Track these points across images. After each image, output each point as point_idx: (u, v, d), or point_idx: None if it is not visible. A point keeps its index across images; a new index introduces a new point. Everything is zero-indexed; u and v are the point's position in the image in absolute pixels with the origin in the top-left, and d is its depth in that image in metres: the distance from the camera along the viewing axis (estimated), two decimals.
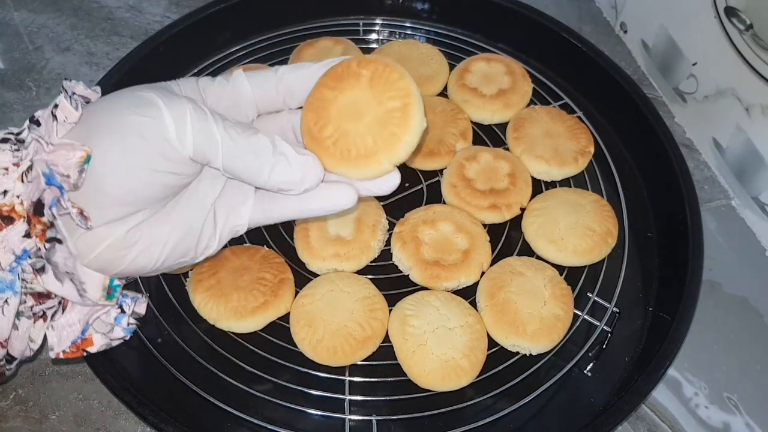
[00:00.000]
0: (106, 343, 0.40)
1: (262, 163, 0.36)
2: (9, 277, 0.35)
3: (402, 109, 0.37)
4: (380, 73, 0.37)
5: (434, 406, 0.50)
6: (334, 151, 0.37)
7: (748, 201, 0.66)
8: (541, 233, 0.58)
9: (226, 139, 0.35)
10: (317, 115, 0.38)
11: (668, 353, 0.51)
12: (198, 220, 0.38)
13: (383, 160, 0.37)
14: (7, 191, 0.34)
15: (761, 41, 0.59)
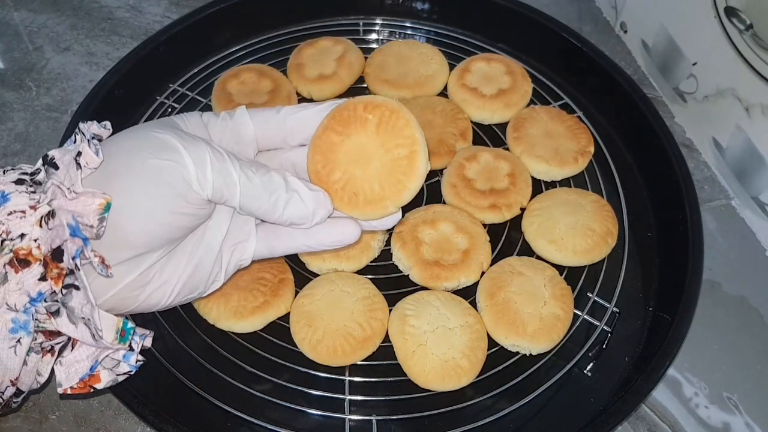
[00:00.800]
0: (113, 379, 0.41)
1: (277, 200, 0.37)
2: (23, 318, 0.35)
3: (408, 157, 0.38)
4: (387, 119, 0.38)
5: (434, 406, 0.50)
6: (342, 194, 0.39)
7: (748, 201, 0.66)
8: (541, 233, 0.58)
9: (243, 179, 0.36)
10: (325, 159, 0.39)
11: (668, 353, 0.51)
12: (207, 258, 0.40)
13: (389, 205, 0.39)
14: (25, 235, 0.35)
15: (761, 41, 0.59)
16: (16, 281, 0.34)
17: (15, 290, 0.35)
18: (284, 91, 0.67)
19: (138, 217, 0.35)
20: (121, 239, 0.35)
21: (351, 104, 0.39)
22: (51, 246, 0.35)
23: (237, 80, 0.67)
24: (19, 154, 0.68)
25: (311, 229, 0.40)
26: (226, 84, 0.67)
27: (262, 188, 0.37)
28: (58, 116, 0.72)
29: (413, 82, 0.68)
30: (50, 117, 0.72)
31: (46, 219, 0.35)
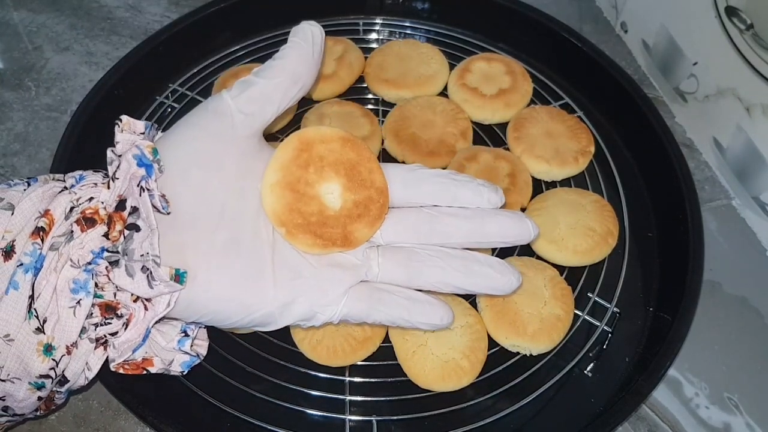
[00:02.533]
0: (165, 369, 0.41)
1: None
2: (83, 277, 0.36)
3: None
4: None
5: (434, 406, 0.50)
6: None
7: (749, 201, 0.66)
8: (542, 233, 0.58)
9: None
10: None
11: (669, 353, 0.51)
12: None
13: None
14: (93, 198, 0.37)
15: (762, 41, 0.59)
16: (81, 240, 0.36)
17: (78, 247, 0.36)
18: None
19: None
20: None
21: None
22: (117, 196, 0.37)
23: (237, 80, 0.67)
24: (19, 154, 0.68)
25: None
26: (226, 84, 0.67)
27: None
28: (57, 116, 0.72)
29: (413, 82, 0.68)
30: (50, 117, 0.72)
31: (113, 178, 0.37)
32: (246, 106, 0.41)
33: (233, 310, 0.38)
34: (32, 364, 0.36)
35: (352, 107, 0.66)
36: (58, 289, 0.36)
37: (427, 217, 0.42)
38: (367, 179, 0.41)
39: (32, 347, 0.36)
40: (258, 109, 0.41)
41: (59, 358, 0.37)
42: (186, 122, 0.41)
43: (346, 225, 0.40)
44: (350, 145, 0.42)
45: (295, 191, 0.40)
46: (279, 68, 0.43)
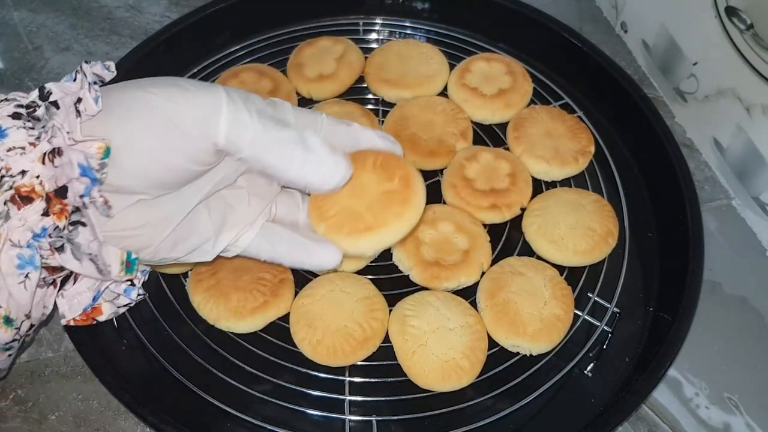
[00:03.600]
0: (114, 311, 0.42)
1: (292, 157, 0.36)
2: (28, 253, 0.35)
3: (402, 192, 0.41)
4: (386, 161, 0.42)
5: (434, 406, 0.50)
6: (333, 224, 0.41)
7: (749, 201, 0.66)
8: (542, 233, 0.58)
9: (258, 128, 0.35)
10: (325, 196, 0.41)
11: (669, 353, 0.51)
12: (201, 218, 0.39)
13: (376, 234, 0.41)
14: (26, 171, 0.34)
15: (762, 41, 0.59)
16: (19, 218, 0.34)
17: (18, 227, 0.34)
18: (284, 91, 0.67)
19: (140, 157, 0.34)
20: (119, 172, 0.34)
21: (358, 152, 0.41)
22: (56, 183, 0.35)
23: (237, 80, 0.67)
24: None
25: (296, 248, 0.41)
26: (226, 84, 0.67)
27: (277, 141, 0.35)
28: None
29: (413, 82, 0.68)
30: None
31: (50, 156, 0.34)
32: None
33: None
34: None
35: (352, 107, 0.66)
36: (3, 270, 0.35)
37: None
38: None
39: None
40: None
41: (20, 324, 0.37)
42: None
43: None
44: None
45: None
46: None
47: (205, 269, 0.54)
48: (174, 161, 0.35)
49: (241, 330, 0.52)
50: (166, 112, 0.34)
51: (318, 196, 0.41)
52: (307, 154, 0.36)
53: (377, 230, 0.40)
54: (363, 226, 0.40)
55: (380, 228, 0.40)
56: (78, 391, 0.54)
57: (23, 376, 0.54)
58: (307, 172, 0.37)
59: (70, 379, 0.54)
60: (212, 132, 0.34)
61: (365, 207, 0.40)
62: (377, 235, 0.40)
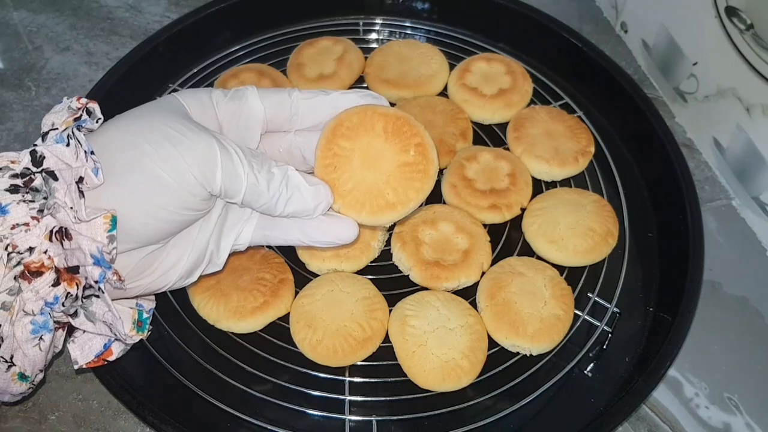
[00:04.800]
0: (123, 349, 0.42)
1: (279, 197, 0.38)
2: (41, 319, 0.36)
3: (420, 163, 0.40)
4: (395, 125, 0.40)
5: (434, 406, 0.50)
6: (351, 200, 0.40)
7: (749, 201, 0.66)
8: (542, 233, 0.58)
9: (251, 178, 0.37)
10: (334, 163, 0.40)
11: (669, 353, 0.51)
12: (206, 244, 0.40)
13: (399, 210, 0.40)
14: (33, 248, 0.34)
15: (762, 41, 0.59)
16: (30, 289, 0.35)
17: (31, 298, 0.35)
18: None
19: (141, 215, 0.35)
20: (125, 235, 0.35)
21: (361, 110, 0.40)
22: (66, 263, 0.35)
23: (237, 80, 0.67)
24: None
25: (308, 226, 0.40)
26: (226, 84, 0.67)
27: (265, 186, 0.37)
28: None
29: (413, 82, 0.68)
30: None
31: (57, 236, 0.35)
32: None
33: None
34: (12, 388, 0.37)
35: None
36: (18, 336, 0.35)
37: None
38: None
39: (8, 378, 0.37)
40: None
41: (34, 378, 0.38)
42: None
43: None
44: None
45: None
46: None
47: None
48: (176, 216, 0.36)
49: (241, 330, 0.52)
50: (165, 174, 0.35)
51: (326, 164, 0.40)
52: (291, 192, 0.38)
53: (400, 207, 0.40)
54: (384, 202, 0.40)
55: (403, 205, 0.40)
56: (78, 391, 0.54)
57: None
58: (293, 208, 0.39)
59: (70, 379, 0.54)
60: (209, 186, 0.36)
61: (384, 181, 0.40)
62: (399, 211, 0.40)
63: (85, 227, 0.34)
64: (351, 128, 0.40)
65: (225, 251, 0.42)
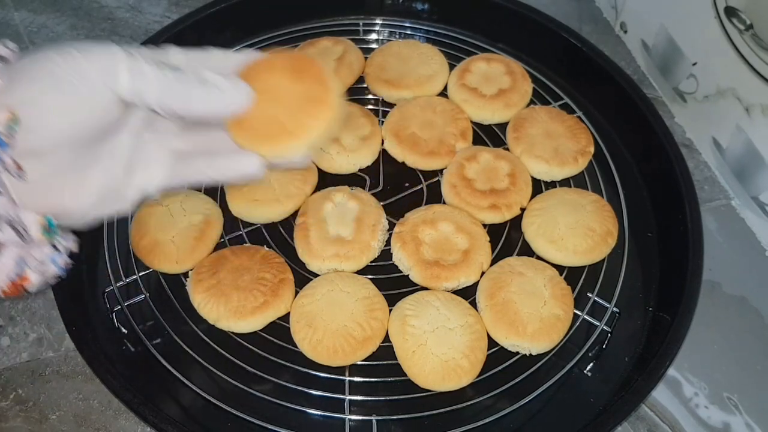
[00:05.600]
0: (43, 282, 0.41)
1: (195, 94, 0.38)
2: None
3: (318, 98, 0.41)
4: (301, 66, 0.41)
5: (434, 406, 0.50)
6: (249, 130, 0.40)
7: (748, 201, 0.66)
8: (541, 233, 0.58)
9: (158, 73, 0.37)
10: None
11: (668, 353, 0.51)
12: (116, 173, 0.40)
13: (294, 143, 0.40)
14: None
15: (761, 41, 0.59)
16: None
17: None
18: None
19: (48, 117, 0.35)
20: (32, 142, 0.35)
21: (263, 58, 0.42)
22: None
23: None
24: None
25: (218, 162, 0.41)
26: None
27: (176, 81, 0.37)
28: None
29: (413, 82, 0.68)
30: None
31: None
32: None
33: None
34: None
35: (352, 107, 0.66)
36: None
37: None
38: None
39: None
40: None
41: None
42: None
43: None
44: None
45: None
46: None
47: (206, 269, 0.54)
48: (81, 117, 0.36)
49: (241, 330, 0.52)
50: (68, 70, 0.35)
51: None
52: (208, 87, 0.38)
53: (300, 134, 0.40)
54: (281, 130, 0.40)
55: (300, 131, 0.40)
56: (78, 390, 0.54)
57: (24, 375, 0.54)
58: (212, 103, 0.39)
59: (71, 379, 0.54)
60: (115, 84, 0.36)
61: (284, 112, 0.40)
62: (300, 139, 0.40)
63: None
64: (252, 70, 0.41)
65: (135, 188, 0.41)
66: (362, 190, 0.61)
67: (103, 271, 0.56)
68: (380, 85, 0.69)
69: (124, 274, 0.55)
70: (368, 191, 0.62)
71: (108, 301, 0.54)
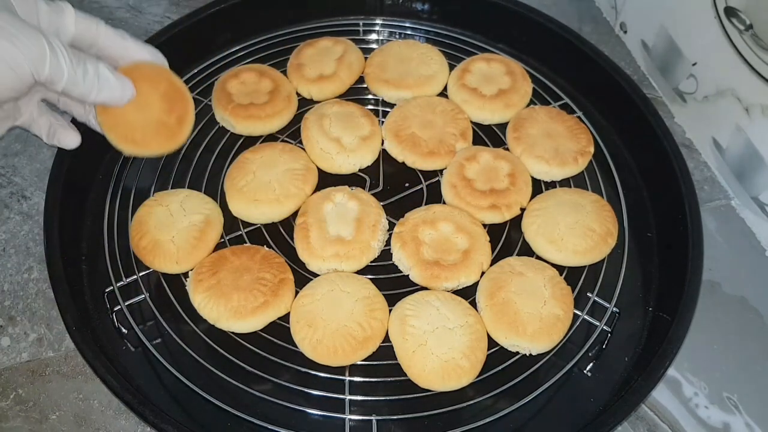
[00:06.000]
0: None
1: (92, 87, 0.46)
2: None
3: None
4: (175, 96, 0.54)
5: (434, 406, 0.50)
6: (112, 124, 0.51)
7: (748, 201, 0.66)
8: (541, 233, 0.58)
9: (70, 71, 0.45)
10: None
11: (668, 353, 0.51)
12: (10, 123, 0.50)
13: (137, 151, 0.52)
14: None
15: (761, 41, 0.59)
16: None
17: None
18: (284, 92, 0.67)
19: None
20: None
21: (158, 70, 0.53)
22: None
23: (237, 80, 0.67)
24: (20, 155, 0.68)
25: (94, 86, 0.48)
26: (226, 84, 0.67)
27: (81, 78, 0.45)
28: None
29: (413, 82, 0.68)
30: None
31: None
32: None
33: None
34: None
35: (352, 107, 0.66)
36: None
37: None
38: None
39: None
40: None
41: None
42: None
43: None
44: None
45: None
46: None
47: (206, 269, 0.54)
48: (4, 90, 0.44)
49: (241, 330, 0.52)
50: (3, 53, 0.42)
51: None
52: (102, 82, 0.47)
53: (140, 146, 0.51)
54: (130, 137, 0.50)
55: (142, 146, 0.51)
56: (78, 390, 0.54)
57: (24, 375, 0.54)
58: (103, 96, 0.47)
59: (71, 379, 0.54)
60: (38, 75, 0.43)
61: (140, 122, 0.51)
62: (138, 149, 0.51)
63: None
64: (137, 70, 0.51)
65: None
66: (362, 190, 0.61)
67: (103, 271, 0.56)
68: (380, 85, 0.69)
69: (124, 274, 0.55)
70: (368, 191, 0.62)
71: (108, 301, 0.54)
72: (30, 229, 0.64)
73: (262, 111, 0.64)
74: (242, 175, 0.59)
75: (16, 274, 0.61)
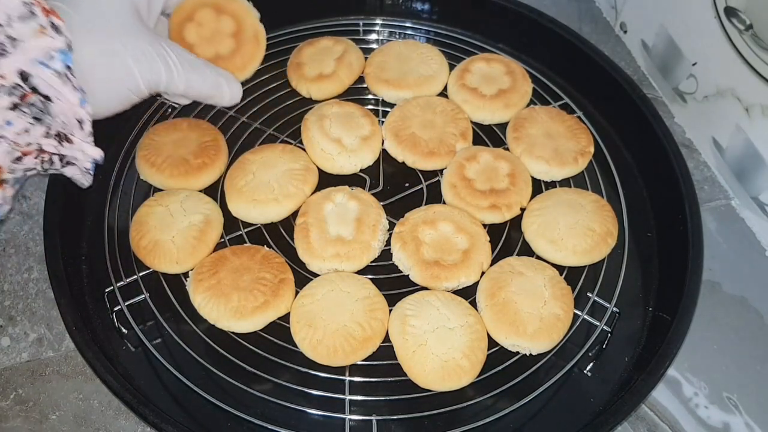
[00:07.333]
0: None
1: (204, 96, 0.55)
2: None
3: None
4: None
5: (434, 406, 0.50)
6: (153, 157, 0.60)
7: (748, 201, 0.66)
8: (541, 233, 0.58)
9: (184, 82, 0.52)
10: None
11: (668, 353, 0.51)
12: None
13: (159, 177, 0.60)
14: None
15: (761, 41, 0.59)
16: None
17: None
18: (250, 31, 0.62)
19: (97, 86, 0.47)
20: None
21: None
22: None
23: (192, 23, 0.60)
24: None
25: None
26: (182, 30, 0.60)
27: (199, 85, 0.53)
28: None
29: (413, 82, 0.68)
30: None
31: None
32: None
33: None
34: None
35: (352, 107, 0.66)
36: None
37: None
38: None
39: None
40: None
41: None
42: None
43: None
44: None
45: None
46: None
47: (206, 269, 0.54)
48: (120, 99, 0.49)
49: (241, 330, 0.52)
50: (120, 72, 0.48)
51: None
52: (214, 90, 0.55)
53: (157, 170, 0.59)
54: (152, 160, 0.59)
55: (159, 171, 0.59)
56: (78, 390, 0.54)
57: (24, 375, 0.55)
58: (213, 102, 0.57)
59: (71, 379, 0.54)
60: (154, 90, 0.50)
61: (168, 153, 0.60)
62: (154, 172, 0.59)
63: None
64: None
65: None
66: (362, 190, 0.61)
67: (103, 271, 0.56)
68: (380, 85, 0.69)
69: (124, 274, 0.55)
70: (368, 191, 0.62)
71: (108, 301, 0.54)
72: (30, 229, 0.64)
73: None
74: (242, 176, 0.59)
75: (16, 274, 0.61)
